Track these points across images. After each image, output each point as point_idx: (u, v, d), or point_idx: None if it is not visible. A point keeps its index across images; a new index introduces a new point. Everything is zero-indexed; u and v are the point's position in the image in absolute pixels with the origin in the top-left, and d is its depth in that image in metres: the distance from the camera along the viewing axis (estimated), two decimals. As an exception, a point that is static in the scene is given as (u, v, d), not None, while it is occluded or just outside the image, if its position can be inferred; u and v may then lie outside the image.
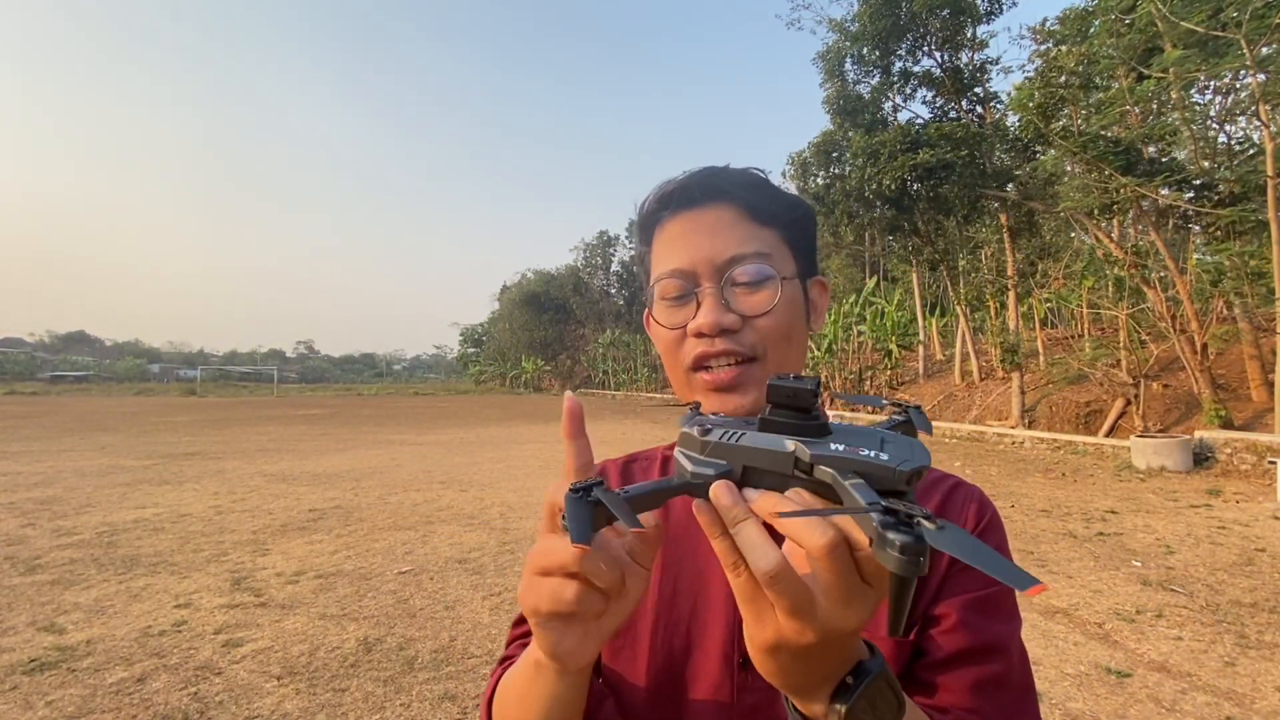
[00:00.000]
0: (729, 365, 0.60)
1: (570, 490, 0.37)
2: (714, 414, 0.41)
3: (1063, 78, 11.75)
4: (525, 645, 0.55)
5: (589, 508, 0.35)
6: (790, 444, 0.34)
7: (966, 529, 0.46)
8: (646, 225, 0.66)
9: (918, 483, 0.33)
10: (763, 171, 0.66)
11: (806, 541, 0.32)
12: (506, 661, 0.61)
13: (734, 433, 0.36)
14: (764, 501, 0.34)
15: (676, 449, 0.39)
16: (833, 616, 0.33)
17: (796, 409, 0.35)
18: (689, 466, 0.37)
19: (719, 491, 0.35)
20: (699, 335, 0.60)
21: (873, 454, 0.32)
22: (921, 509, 0.28)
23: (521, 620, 0.65)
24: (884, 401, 0.47)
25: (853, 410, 20.59)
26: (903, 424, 0.41)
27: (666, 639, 0.61)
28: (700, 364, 0.61)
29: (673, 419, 22.51)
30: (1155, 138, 11.69)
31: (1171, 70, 9.96)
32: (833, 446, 0.33)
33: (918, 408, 0.45)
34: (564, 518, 0.36)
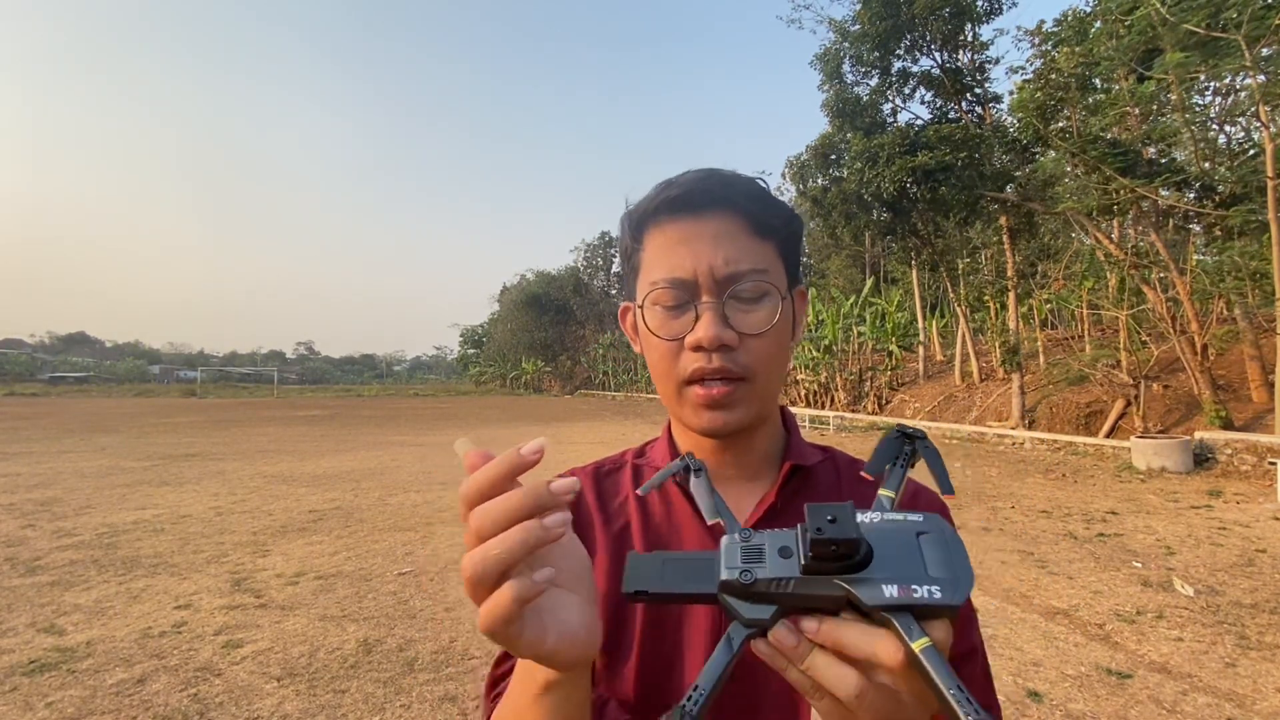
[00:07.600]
0: (722, 382, 0.59)
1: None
2: (746, 531, 0.39)
3: (1062, 79, 11.74)
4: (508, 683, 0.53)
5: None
6: (842, 588, 0.35)
7: None
8: (641, 222, 0.64)
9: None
10: (764, 181, 0.65)
11: (885, 658, 0.33)
12: (496, 699, 0.57)
13: (782, 580, 0.36)
14: (827, 630, 0.35)
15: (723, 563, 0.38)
16: (916, 712, 0.36)
17: (840, 558, 0.35)
18: (743, 613, 0.37)
19: (781, 636, 0.36)
20: (698, 349, 0.59)
21: (926, 593, 0.34)
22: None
23: (500, 660, 0.63)
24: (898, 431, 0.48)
25: (852, 412, 20.56)
26: (910, 456, 0.45)
27: (654, 648, 0.60)
28: (694, 379, 0.60)
29: (673, 420, 22.49)
30: (1155, 139, 11.69)
31: (1171, 71, 9.96)
32: (886, 592, 0.34)
33: (928, 444, 0.46)
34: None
